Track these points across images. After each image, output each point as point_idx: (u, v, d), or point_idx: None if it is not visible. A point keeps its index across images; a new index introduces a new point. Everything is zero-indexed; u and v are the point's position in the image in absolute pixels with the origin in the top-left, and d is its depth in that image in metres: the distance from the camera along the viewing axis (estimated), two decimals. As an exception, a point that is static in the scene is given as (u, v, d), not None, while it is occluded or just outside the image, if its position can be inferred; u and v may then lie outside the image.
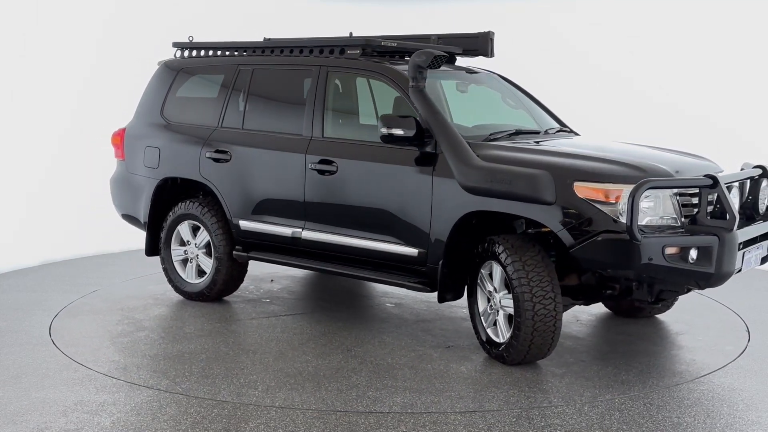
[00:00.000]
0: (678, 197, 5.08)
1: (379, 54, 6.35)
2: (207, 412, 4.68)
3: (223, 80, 6.86)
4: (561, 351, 5.75)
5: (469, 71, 6.77)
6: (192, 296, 7.04)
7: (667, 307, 6.56)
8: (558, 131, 6.47)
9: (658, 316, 6.63)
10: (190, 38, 7.17)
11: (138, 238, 9.27)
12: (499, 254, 5.30)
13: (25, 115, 8.68)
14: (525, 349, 5.28)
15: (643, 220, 4.97)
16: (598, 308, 6.75)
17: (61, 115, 9.00)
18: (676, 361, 5.71)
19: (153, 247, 7.20)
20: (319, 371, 5.39)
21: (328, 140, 6.18)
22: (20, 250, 8.43)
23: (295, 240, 6.36)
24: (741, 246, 5.15)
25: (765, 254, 5.58)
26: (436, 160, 5.61)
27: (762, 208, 5.63)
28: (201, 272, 7.02)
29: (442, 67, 6.69)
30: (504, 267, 5.26)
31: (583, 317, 6.57)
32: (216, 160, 6.71)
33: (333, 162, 6.09)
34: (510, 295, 5.30)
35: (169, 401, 4.84)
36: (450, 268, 5.61)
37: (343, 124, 6.42)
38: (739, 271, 5.22)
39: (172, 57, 7.31)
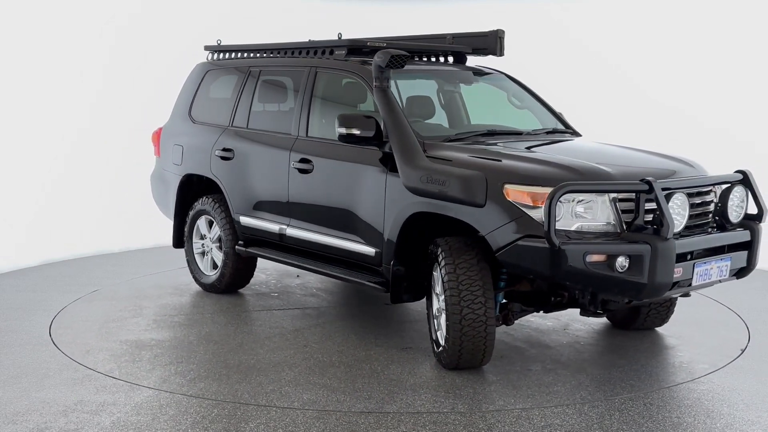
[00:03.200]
0: (617, 202, 4.85)
1: (367, 54, 6.38)
2: (207, 412, 4.68)
3: (237, 81, 7.11)
4: (514, 359, 5.63)
5: (477, 71, 6.77)
6: (207, 288, 7.37)
7: (663, 321, 6.26)
8: (548, 132, 6.33)
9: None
10: (218, 41, 7.48)
11: (138, 238, 9.39)
12: (437, 256, 5.27)
13: (27, 116, 8.68)
14: (456, 353, 5.21)
15: (574, 225, 4.80)
16: (597, 319, 6.59)
17: (62, 116, 9.00)
18: (676, 361, 5.70)
19: (179, 240, 7.56)
20: (258, 365, 5.50)
21: (309, 139, 6.32)
22: (20, 250, 8.44)
23: (281, 236, 6.55)
24: (689, 256, 4.95)
25: (742, 266, 5.29)
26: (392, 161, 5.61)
27: (734, 217, 5.29)
28: (216, 265, 7.32)
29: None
30: (440, 269, 5.23)
31: (574, 326, 6.48)
32: (223, 158, 6.94)
33: (310, 161, 6.20)
34: None
35: (169, 401, 4.85)
36: (408, 269, 5.60)
37: (323, 124, 6.49)
38: (690, 284, 4.97)
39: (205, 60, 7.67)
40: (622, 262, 4.72)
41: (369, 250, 5.80)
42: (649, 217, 4.85)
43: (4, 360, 5.58)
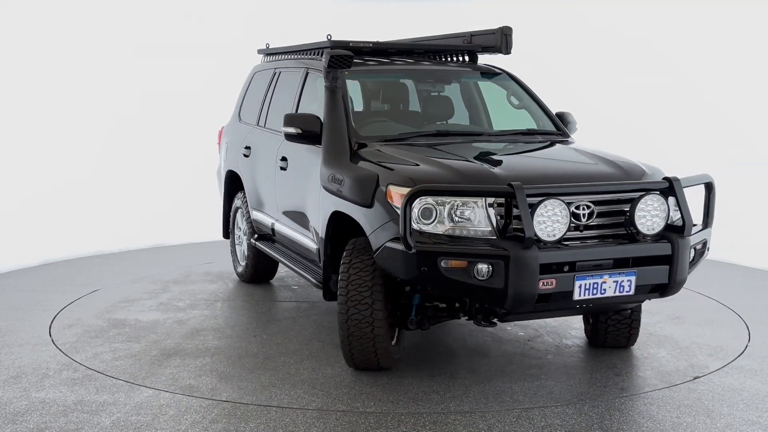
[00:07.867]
0: (494, 207, 4.66)
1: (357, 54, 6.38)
2: (207, 412, 4.68)
3: (268, 82, 7.31)
4: (437, 364, 5.47)
5: (484, 71, 6.73)
6: (239, 277, 7.80)
7: (628, 340, 5.79)
8: (521, 133, 6.13)
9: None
10: (267, 45, 7.73)
11: (138, 238, 9.39)
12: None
13: (27, 117, 8.68)
14: (348, 352, 5.20)
15: (446, 228, 4.65)
16: (577, 332, 6.46)
17: (62, 117, 9.00)
18: (675, 361, 5.70)
19: (226, 231, 8.01)
20: (190, 350, 5.74)
21: None
22: (20, 250, 8.44)
23: (273, 231, 6.77)
24: (566, 268, 4.64)
25: (661, 282, 4.83)
26: None
27: (647, 228, 4.81)
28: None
29: (444, 66, 6.69)
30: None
31: (545, 338, 6.38)
32: (244, 155, 7.24)
33: (287, 159, 6.35)
34: None
35: (169, 401, 4.85)
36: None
37: None
38: (571, 298, 4.63)
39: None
40: (481, 269, 4.56)
41: (314, 247, 5.89)
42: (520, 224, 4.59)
43: (4, 360, 5.59)
